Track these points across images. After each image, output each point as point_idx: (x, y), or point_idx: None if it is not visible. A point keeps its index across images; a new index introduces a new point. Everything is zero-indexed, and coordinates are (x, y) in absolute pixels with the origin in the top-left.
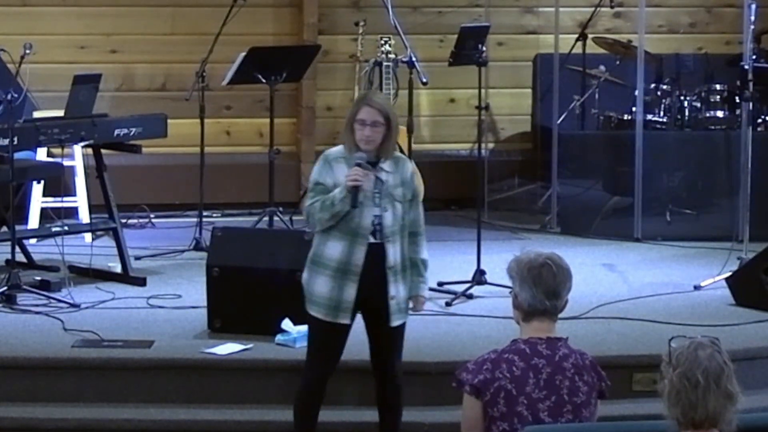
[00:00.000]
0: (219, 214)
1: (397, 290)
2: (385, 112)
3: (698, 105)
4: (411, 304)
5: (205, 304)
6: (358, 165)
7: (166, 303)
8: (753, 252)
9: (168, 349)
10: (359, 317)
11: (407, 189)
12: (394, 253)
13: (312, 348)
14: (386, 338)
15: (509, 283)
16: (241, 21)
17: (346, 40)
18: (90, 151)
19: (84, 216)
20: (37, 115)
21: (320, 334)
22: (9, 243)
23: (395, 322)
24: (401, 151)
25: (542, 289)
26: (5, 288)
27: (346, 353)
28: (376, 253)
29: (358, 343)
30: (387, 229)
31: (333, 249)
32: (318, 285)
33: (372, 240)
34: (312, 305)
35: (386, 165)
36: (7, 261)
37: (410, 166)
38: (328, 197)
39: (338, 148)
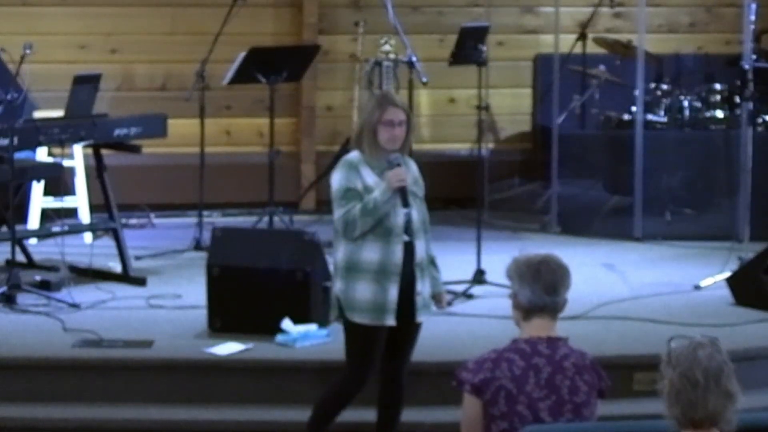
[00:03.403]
0: (219, 214)
1: (424, 286)
2: (407, 110)
3: (698, 105)
4: (434, 302)
5: (205, 304)
6: (398, 165)
7: (166, 303)
8: (753, 252)
9: (168, 349)
10: None
11: (419, 187)
12: (420, 250)
13: (355, 355)
14: (408, 335)
15: (509, 284)
16: (241, 21)
17: (346, 40)
18: (90, 151)
19: (84, 216)
20: (37, 115)
21: (365, 340)
22: (9, 243)
23: (420, 318)
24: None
25: (541, 285)
26: (5, 288)
27: None
28: (408, 251)
29: None
30: (415, 225)
31: (371, 252)
32: (359, 291)
33: (405, 238)
34: (355, 313)
35: None
36: (7, 261)
37: (415, 166)
38: (368, 201)
39: (355, 154)
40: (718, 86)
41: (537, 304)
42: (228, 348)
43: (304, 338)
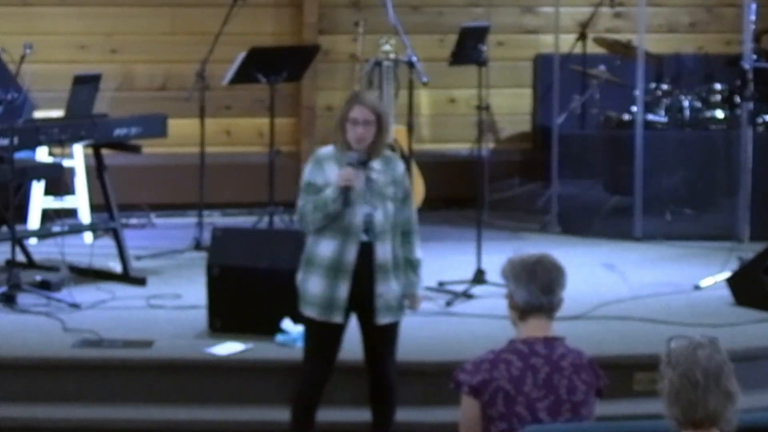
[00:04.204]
0: (219, 214)
1: (387, 288)
2: (376, 110)
3: (698, 105)
4: (407, 303)
5: (205, 304)
6: (349, 164)
7: (166, 303)
8: (753, 252)
9: (168, 349)
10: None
11: (398, 188)
12: (383, 252)
13: (308, 349)
14: (375, 337)
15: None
16: (241, 21)
17: (346, 40)
18: (90, 150)
19: (84, 216)
20: (37, 115)
21: (315, 334)
22: (9, 243)
23: (381, 320)
24: (397, 151)
25: (537, 285)
26: (5, 288)
27: (343, 352)
28: (367, 252)
29: (354, 343)
30: (377, 227)
31: (325, 248)
32: (311, 285)
33: (363, 238)
34: (306, 305)
35: (376, 164)
36: (7, 261)
37: (401, 166)
38: (320, 198)
39: (329, 148)
40: (718, 86)
41: (533, 304)
42: (228, 348)
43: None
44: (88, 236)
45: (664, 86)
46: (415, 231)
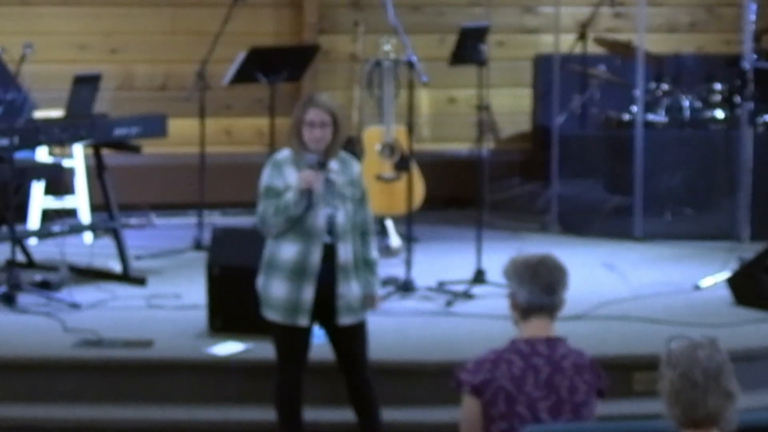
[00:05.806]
0: (219, 214)
1: (348, 289)
2: (332, 111)
3: (698, 105)
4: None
5: (205, 304)
6: (309, 166)
7: (166, 303)
8: (753, 252)
9: (168, 349)
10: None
11: (356, 188)
12: (345, 252)
13: (278, 353)
14: (342, 338)
15: (507, 284)
16: (241, 21)
17: (346, 40)
18: (90, 150)
19: (84, 216)
20: (37, 115)
21: (282, 338)
22: (9, 243)
23: (343, 321)
24: (398, 150)
25: (539, 285)
26: (5, 288)
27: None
28: (329, 253)
29: None
30: (339, 228)
31: (288, 251)
32: (275, 289)
33: (326, 240)
34: (269, 309)
35: (333, 164)
36: (7, 261)
37: (357, 166)
38: (281, 201)
39: (286, 152)
40: (718, 86)
41: (535, 304)
42: (228, 348)
43: None
44: (88, 236)
45: (664, 86)
46: (371, 231)
